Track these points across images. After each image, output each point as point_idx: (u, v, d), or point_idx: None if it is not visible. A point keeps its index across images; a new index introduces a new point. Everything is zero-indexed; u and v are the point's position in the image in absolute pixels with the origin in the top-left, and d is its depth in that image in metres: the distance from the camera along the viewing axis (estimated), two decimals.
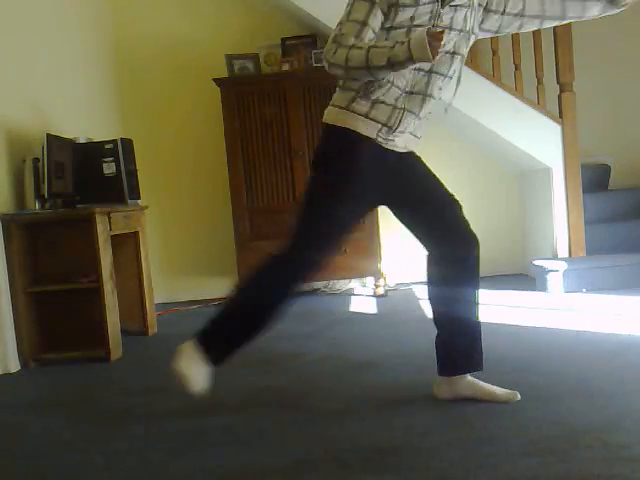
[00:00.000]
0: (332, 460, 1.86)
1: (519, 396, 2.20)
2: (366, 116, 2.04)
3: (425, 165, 2.23)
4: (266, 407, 2.40)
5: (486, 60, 4.59)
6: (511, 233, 5.10)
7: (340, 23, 1.98)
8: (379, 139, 2.07)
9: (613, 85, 5.13)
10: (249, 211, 4.61)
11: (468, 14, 2.06)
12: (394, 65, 1.88)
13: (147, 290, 3.92)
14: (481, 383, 2.25)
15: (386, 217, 5.10)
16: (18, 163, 3.40)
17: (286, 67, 4.73)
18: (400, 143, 2.12)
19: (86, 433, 2.28)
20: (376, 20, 1.96)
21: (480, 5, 2.10)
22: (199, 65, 4.98)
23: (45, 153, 3.25)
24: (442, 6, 1.99)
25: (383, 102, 2.03)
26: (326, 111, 2.14)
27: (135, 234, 3.88)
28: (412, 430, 2.03)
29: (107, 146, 3.64)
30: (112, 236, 3.44)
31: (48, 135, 3.30)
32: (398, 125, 2.06)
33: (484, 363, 2.25)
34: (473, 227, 2.21)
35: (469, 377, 2.25)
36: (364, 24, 1.95)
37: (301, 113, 4.56)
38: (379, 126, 2.05)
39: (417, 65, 1.94)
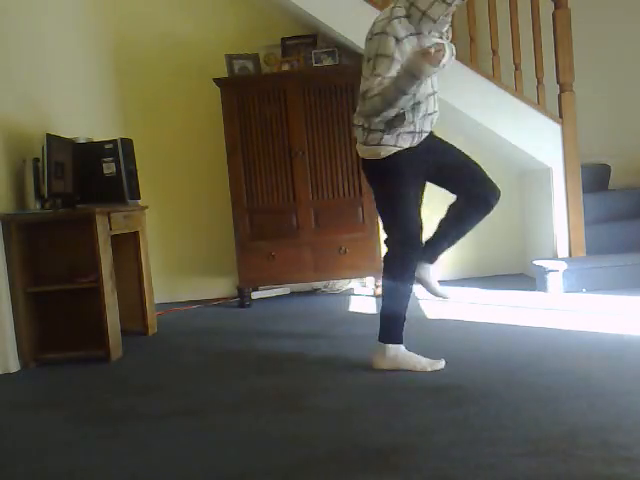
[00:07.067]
0: (332, 460, 1.86)
1: (442, 364, 2.58)
2: (394, 146, 2.63)
3: (438, 139, 2.78)
4: (266, 407, 2.40)
5: (486, 60, 4.59)
6: (511, 233, 5.10)
7: (365, 78, 2.53)
8: (405, 151, 2.64)
9: (613, 85, 5.13)
10: (249, 211, 4.60)
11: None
12: (403, 89, 2.38)
13: (147, 290, 3.92)
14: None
15: None
16: (18, 163, 3.40)
17: (286, 67, 4.73)
18: (420, 138, 2.68)
19: (86, 433, 2.28)
20: (394, 71, 2.46)
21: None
22: (199, 65, 4.97)
23: (45, 153, 3.25)
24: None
25: (405, 132, 2.62)
26: (363, 148, 2.69)
27: (135, 234, 3.88)
28: (412, 430, 2.03)
29: (107, 146, 3.65)
30: (112, 236, 3.44)
31: (48, 135, 3.29)
32: (419, 139, 2.66)
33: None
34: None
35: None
36: (384, 78, 2.46)
37: (301, 113, 4.55)
38: (406, 145, 2.64)
39: (420, 81, 2.39)
